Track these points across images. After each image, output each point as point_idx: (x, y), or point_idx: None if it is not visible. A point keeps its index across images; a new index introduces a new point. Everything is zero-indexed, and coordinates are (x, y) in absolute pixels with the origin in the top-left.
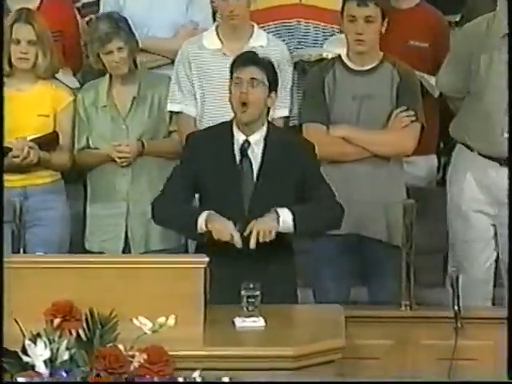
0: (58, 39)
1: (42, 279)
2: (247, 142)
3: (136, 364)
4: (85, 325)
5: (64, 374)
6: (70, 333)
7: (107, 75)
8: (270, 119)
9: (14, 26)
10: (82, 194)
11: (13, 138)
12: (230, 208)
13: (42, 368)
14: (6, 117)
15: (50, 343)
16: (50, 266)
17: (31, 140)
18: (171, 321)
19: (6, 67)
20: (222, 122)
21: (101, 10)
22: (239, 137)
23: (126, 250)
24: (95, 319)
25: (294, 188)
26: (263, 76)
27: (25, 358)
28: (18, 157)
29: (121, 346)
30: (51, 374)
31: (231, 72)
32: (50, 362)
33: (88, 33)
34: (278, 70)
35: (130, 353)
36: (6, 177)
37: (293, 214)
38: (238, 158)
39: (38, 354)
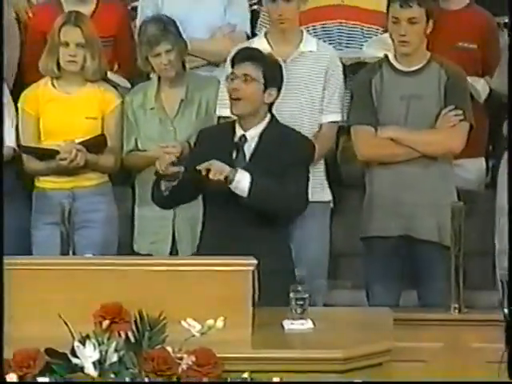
0: (111, 44)
1: (90, 281)
2: (244, 136)
3: (184, 366)
4: (134, 327)
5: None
6: (119, 335)
7: (155, 78)
8: (319, 124)
9: (62, 29)
10: (129, 196)
11: (61, 140)
12: (224, 198)
13: (90, 369)
14: (54, 119)
15: (99, 345)
16: (98, 268)
17: (79, 143)
18: (220, 323)
19: (55, 69)
20: (230, 120)
21: (139, 13)
22: (238, 132)
23: (173, 251)
24: (144, 321)
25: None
26: (258, 73)
27: (74, 360)
28: (65, 159)
29: (169, 348)
30: (100, 375)
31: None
32: (99, 364)
33: (137, 36)
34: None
35: (179, 355)
36: (54, 178)
37: (251, 179)
38: (234, 151)
39: (87, 355)
